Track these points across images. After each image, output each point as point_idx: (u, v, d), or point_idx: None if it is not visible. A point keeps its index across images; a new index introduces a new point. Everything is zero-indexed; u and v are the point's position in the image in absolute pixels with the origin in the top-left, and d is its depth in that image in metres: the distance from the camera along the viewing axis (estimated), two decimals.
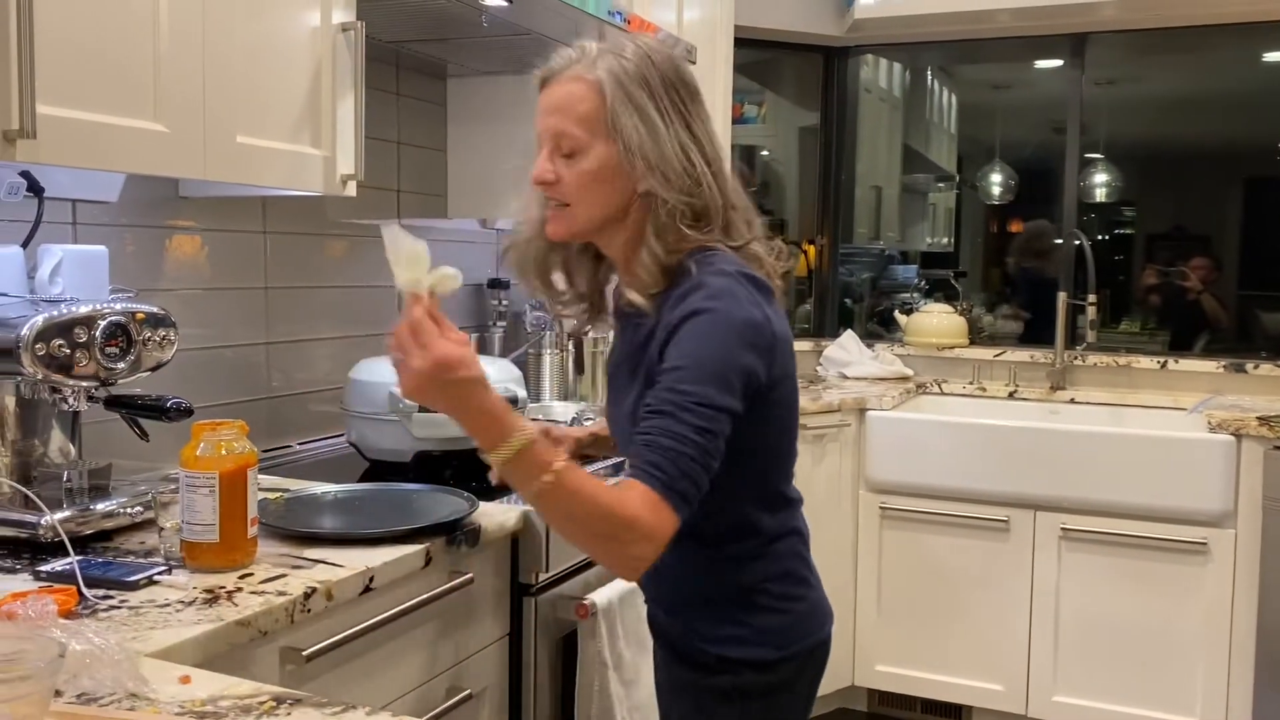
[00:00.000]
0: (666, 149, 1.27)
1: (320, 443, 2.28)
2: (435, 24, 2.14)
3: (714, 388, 1.20)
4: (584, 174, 1.30)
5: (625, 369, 1.38)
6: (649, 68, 1.29)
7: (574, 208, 1.32)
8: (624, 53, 1.29)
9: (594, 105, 1.28)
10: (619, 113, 1.27)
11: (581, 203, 1.31)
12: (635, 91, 1.27)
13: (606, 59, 1.29)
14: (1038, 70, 4.27)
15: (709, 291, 1.24)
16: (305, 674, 1.32)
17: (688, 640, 1.40)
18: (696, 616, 1.39)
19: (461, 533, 1.60)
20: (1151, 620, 2.89)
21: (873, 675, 3.20)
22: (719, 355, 1.21)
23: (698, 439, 1.18)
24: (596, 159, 1.29)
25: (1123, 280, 4.35)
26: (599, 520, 1.16)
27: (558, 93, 1.30)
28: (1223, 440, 2.81)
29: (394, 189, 2.52)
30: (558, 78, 1.31)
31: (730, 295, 1.24)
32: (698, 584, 1.38)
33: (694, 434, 1.18)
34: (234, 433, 1.38)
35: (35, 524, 1.40)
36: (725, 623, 1.37)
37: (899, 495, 3.13)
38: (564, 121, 1.29)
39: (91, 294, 1.54)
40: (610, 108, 1.27)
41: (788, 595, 1.39)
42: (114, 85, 1.41)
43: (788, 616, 1.39)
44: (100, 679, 0.99)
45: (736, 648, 1.36)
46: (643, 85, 1.28)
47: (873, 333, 4.19)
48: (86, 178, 1.70)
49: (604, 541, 1.18)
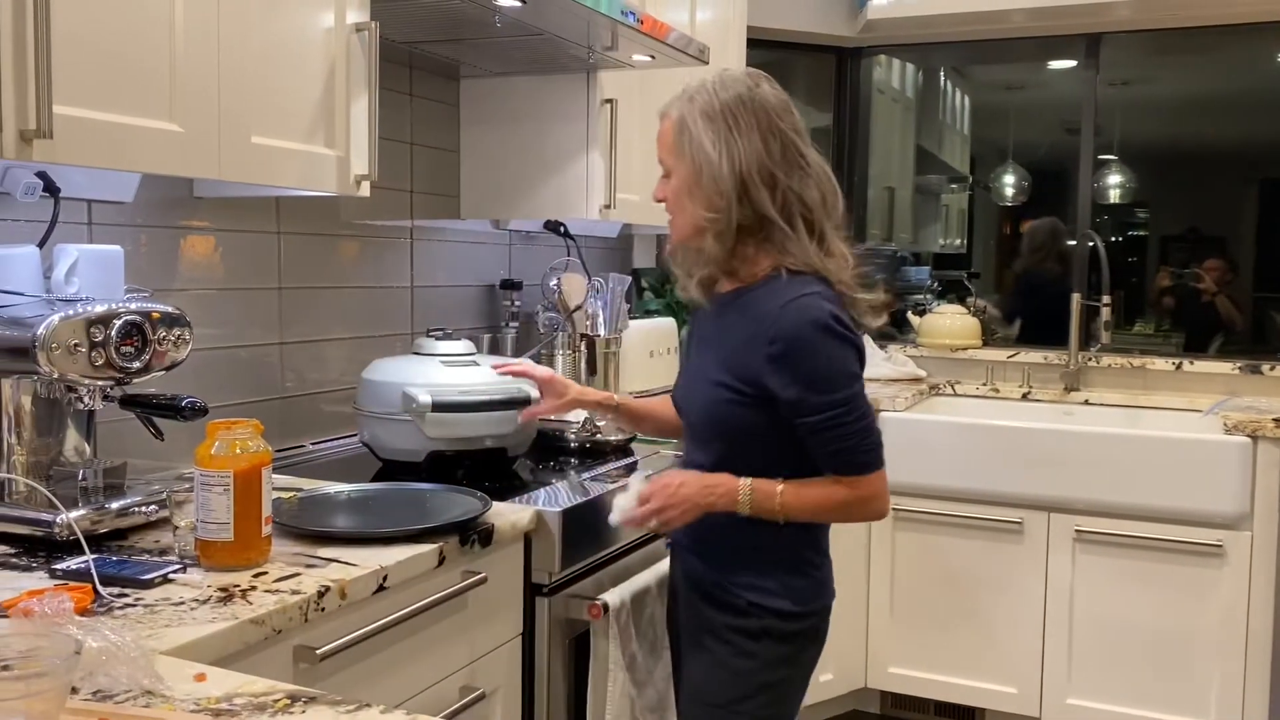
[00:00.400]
0: (706, 173, 1.55)
1: (333, 442, 2.29)
2: (449, 24, 2.15)
3: (839, 390, 1.52)
4: (673, 191, 1.61)
5: (717, 342, 1.63)
6: (717, 100, 1.56)
7: (673, 219, 1.65)
8: (702, 90, 1.58)
9: (674, 136, 1.59)
10: (681, 140, 1.58)
11: (676, 214, 1.63)
12: (703, 122, 1.55)
13: (685, 101, 1.59)
14: (1051, 71, 4.25)
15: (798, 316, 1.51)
16: (319, 673, 1.32)
17: (723, 588, 1.64)
18: (737, 566, 1.64)
19: (474, 532, 1.60)
20: (1166, 623, 2.87)
21: (885, 677, 3.19)
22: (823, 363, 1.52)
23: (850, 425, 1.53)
24: (678, 179, 1.60)
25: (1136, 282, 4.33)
26: (832, 513, 1.60)
27: (660, 128, 1.63)
28: (1239, 442, 2.80)
29: (407, 190, 2.53)
30: (661, 116, 1.64)
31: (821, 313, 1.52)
32: (745, 538, 1.62)
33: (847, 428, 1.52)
34: (249, 432, 1.38)
35: (51, 522, 1.41)
36: (760, 574, 1.63)
37: (912, 497, 3.12)
38: (660, 150, 1.63)
39: (107, 294, 1.55)
40: (688, 137, 1.57)
41: (811, 562, 1.67)
42: (130, 85, 1.42)
43: (808, 580, 1.66)
44: (116, 676, 0.99)
45: (766, 596, 1.62)
46: (710, 117, 1.56)
47: (885, 334, 4.18)
48: (102, 178, 1.71)
49: (845, 519, 1.61)
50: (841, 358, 1.52)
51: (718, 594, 1.65)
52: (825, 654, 1.71)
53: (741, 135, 1.54)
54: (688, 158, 1.56)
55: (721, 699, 1.64)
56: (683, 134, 1.57)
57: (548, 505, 1.77)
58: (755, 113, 1.55)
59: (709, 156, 1.54)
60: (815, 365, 1.51)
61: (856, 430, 1.53)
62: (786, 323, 1.51)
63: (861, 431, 1.53)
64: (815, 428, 1.52)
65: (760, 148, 1.54)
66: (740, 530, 1.60)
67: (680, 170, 1.59)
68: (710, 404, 1.60)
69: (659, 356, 3.11)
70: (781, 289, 1.54)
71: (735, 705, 1.63)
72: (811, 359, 1.50)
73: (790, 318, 1.51)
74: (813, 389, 1.50)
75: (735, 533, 1.61)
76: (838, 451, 1.53)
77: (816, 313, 1.51)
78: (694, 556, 1.70)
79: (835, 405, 1.51)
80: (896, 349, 3.84)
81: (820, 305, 1.52)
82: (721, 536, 1.64)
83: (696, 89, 1.59)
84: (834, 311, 1.53)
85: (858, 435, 1.53)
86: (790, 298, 1.52)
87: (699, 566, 1.69)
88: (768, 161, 1.54)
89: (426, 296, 2.60)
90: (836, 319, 1.52)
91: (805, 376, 1.50)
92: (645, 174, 2.78)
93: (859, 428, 1.53)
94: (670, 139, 1.60)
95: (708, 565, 1.67)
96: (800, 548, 1.65)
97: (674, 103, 1.61)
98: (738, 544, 1.63)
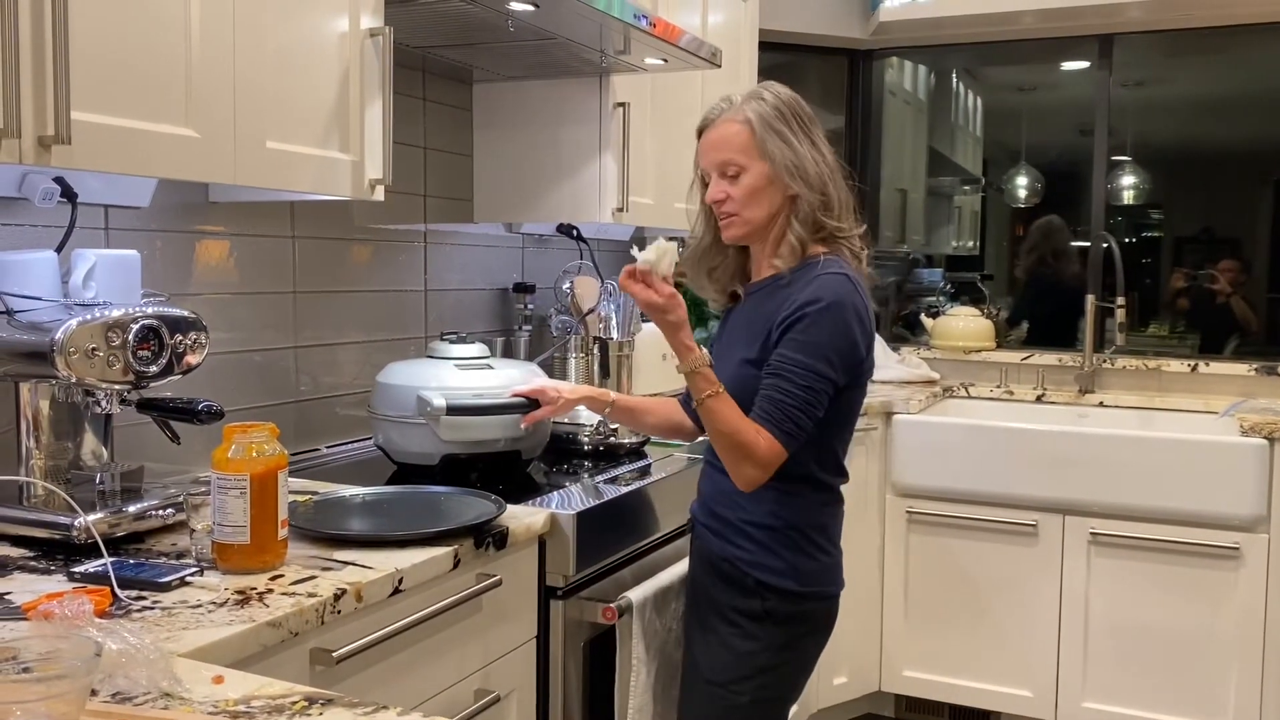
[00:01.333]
0: (804, 162, 1.68)
1: (348, 446, 2.30)
2: (462, 29, 2.15)
3: (820, 361, 1.61)
4: (746, 189, 1.70)
5: (745, 330, 1.74)
6: (780, 105, 1.70)
7: (741, 214, 1.71)
8: (762, 97, 1.71)
9: (747, 137, 1.69)
10: (766, 140, 1.67)
11: (746, 209, 1.71)
12: (775, 123, 1.68)
13: (750, 104, 1.70)
14: (1064, 72, 4.24)
15: (825, 286, 1.63)
16: (335, 675, 1.33)
17: (732, 563, 1.73)
18: (745, 541, 1.72)
19: (489, 535, 1.60)
20: (1183, 626, 2.86)
21: (900, 681, 3.18)
22: (826, 338, 1.62)
23: (800, 394, 1.60)
24: (754, 176, 1.69)
25: (1150, 283, 4.31)
26: (733, 436, 1.62)
27: (718, 133, 1.72)
28: (1255, 444, 2.78)
29: (421, 194, 2.54)
30: (714, 124, 1.73)
31: (843, 289, 1.64)
32: (753, 512, 1.71)
33: (798, 390, 1.60)
34: (265, 435, 1.39)
35: (69, 525, 1.42)
36: (769, 552, 1.70)
37: (926, 499, 3.11)
38: (727, 152, 1.70)
39: (124, 298, 1.56)
40: (759, 137, 1.67)
41: (821, 547, 1.74)
42: (146, 91, 1.42)
43: (815, 563, 1.73)
44: (135, 678, 1.00)
45: (772, 575, 1.70)
46: (779, 118, 1.68)
47: (899, 336, 4.17)
48: (118, 183, 1.72)
49: (733, 455, 1.63)
50: (830, 338, 1.62)
51: (727, 569, 1.73)
52: (839, 657, 1.73)
53: (807, 134, 1.70)
54: (768, 154, 1.67)
55: (721, 678, 1.72)
56: (765, 133, 1.68)
57: (562, 508, 1.78)
58: (807, 117, 1.72)
59: (793, 151, 1.67)
60: (813, 329, 1.62)
61: (790, 394, 1.60)
62: (816, 288, 1.64)
63: (799, 399, 1.60)
64: (771, 369, 1.63)
65: (822, 145, 1.72)
66: (752, 506, 1.71)
67: (756, 168, 1.69)
68: (740, 382, 1.68)
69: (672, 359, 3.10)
70: (821, 266, 1.68)
71: (733, 685, 1.71)
72: (817, 321, 1.61)
73: (821, 284, 1.64)
74: (794, 340, 1.62)
75: (750, 508, 1.71)
76: (771, 399, 1.61)
77: (845, 291, 1.64)
78: (709, 532, 1.78)
79: (794, 364, 1.61)
80: (909, 351, 3.83)
81: (851, 288, 1.66)
82: (737, 511, 1.73)
83: (751, 95, 1.72)
84: (861, 294, 1.67)
85: (796, 400, 1.60)
86: (829, 271, 1.66)
87: (713, 542, 1.77)
88: (829, 158, 1.72)
89: (440, 300, 2.61)
90: (858, 303, 1.66)
91: (797, 329, 1.62)
92: (658, 177, 2.78)
93: (795, 397, 1.60)
94: (745, 139, 1.69)
95: (721, 540, 1.75)
96: (810, 531, 1.72)
97: (736, 108, 1.71)
98: (750, 519, 1.72)
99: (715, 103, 1.76)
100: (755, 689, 1.71)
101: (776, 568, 1.70)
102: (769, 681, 1.72)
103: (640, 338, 2.87)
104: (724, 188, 1.71)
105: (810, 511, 1.72)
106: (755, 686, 1.71)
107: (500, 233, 2.83)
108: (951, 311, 3.95)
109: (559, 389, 1.94)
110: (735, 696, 1.71)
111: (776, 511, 1.71)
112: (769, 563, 1.70)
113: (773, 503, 1.70)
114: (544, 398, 1.93)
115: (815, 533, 1.73)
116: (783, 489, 1.70)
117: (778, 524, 1.71)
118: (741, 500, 1.72)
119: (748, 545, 1.72)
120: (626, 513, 1.96)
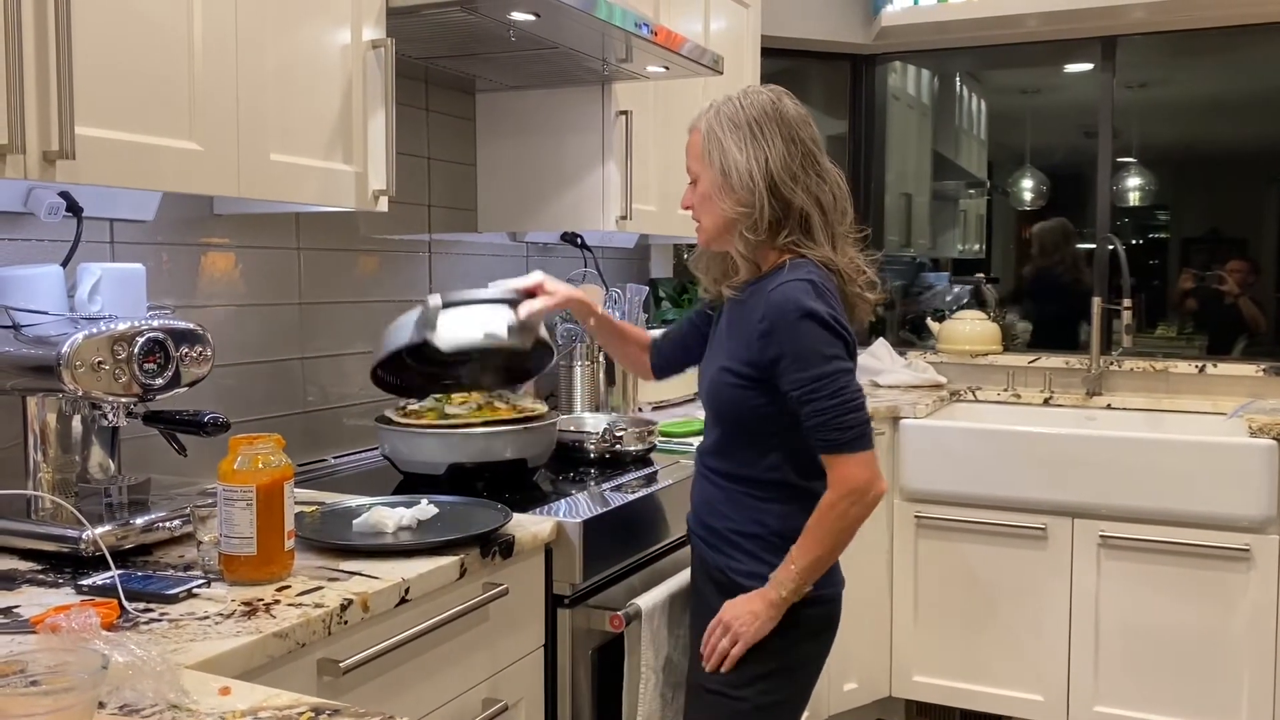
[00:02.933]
0: (735, 174, 1.66)
1: (355, 456, 2.30)
2: (464, 39, 2.16)
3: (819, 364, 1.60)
4: (699, 196, 1.73)
5: (727, 335, 1.74)
6: (742, 110, 1.67)
7: (701, 221, 1.75)
8: (729, 101, 1.70)
9: (699, 145, 1.71)
10: (709, 148, 1.68)
11: (703, 216, 1.74)
12: (726, 130, 1.67)
13: (712, 110, 1.70)
14: (1067, 74, 4.24)
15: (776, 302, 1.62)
16: (342, 685, 1.33)
17: (724, 574, 1.74)
18: (738, 552, 1.72)
19: (495, 544, 1.60)
20: (1194, 628, 2.84)
21: (910, 686, 3.17)
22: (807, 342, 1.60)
23: (828, 402, 1.60)
24: (704, 184, 1.71)
25: (1158, 285, 4.30)
26: (832, 523, 1.64)
27: (689, 140, 1.75)
28: (1264, 445, 2.77)
29: (425, 204, 2.54)
30: (690, 130, 1.75)
31: (799, 294, 1.61)
32: (739, 521, 1.72)
33: (825, 401, 1.60)
34: (270, 446, 1.39)
35: (77, 538, 1.42)
36: (756, 561, 1.70)
37: (934, 504, 3.11)
38: (688, 159, 1.74)
39: (129, 311, 1.56)
40: (708, 145, 1.68)
41: None
42: (150, 105, 1.43)
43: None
44: (142, 690, 1.00)
45: (758, 583, 1.68)
46: (734, 125, 1.67)
47: (905, 340, 4.16)
48: (123, 197, 1.73)
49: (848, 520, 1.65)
50: (815, 336, 1.60)
51: (720, 579, 1.75)
52: (849, 662, 1.72)
53: (765, 140, 1.66)
54: (715, 162, 1.68)
55: (721, 686, 1.72)
56: (710, 141, 1.69)
57: (568, 516, 1.78)
58: (777, 122, 1.67)
59: (735, 159, 1.66)
60: (794, 341, 1.61)
61: (830, 406, 1.60)
62: (774, 301, 1.62)
63: (835, 408, 1.60)
64: (796, 400, 1.62)
65: (783, 151, 1.66)
66: (738, 515, 1.72)
67: (707, 175, 1.70)
68: (716, 388, 1.73)
69: None
70: (782, 274, 1.66)
71: (734, 692, 1.71)
72: (791, 335, 1.61)
73: (777, 297, 1.62)
74: (792, 363, 1.61)
75: (734, 516, 1.73)
76: (815, 427, 1.62)
77: (800, 294, 1.61)
78: (702, 542, 1.79)
79: (809, 381, 1.60)
80: (916, 355, 3.83)
81: (805, 288, 1.62)
82: (723, 520, 1.74)
83: (723, 102, 1.71)
84: (817, 291, 1.63)
85: (832, 411, 1.60)
86: (783, 280, 1.64)
87: (707, 552, 1.78)
88: (790, 164, 1.66)
89: None
90: (818, 299, 1.62)
91: (786, 351, 1.61)
92: (662, 184, 2.79)
93: (832, 404, 1.60)
94: (698, 147, 1.71)
95: (714, 550, 1.76)
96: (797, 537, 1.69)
97: (701, 116, 1.73)
98: (736, 529, 1.73)
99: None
100: (756, 695, 1.70)
101: (763, 575, 1.69)
102: (770, 688, 1.71)
103: None
104: (688, 193, 1.76)
105: (793, 518, 1.69)
106: (756, 693, 1.70)
107: (504, 242, 2.83)
108: (958, 315, 3.94)
109: (556, 285, 1.88)
110: (737, 704, 1.70)
111: (760, 520, 1.71)
112: (759, 572, 1.69)
113: (755, 511, 1.71)
114: (540, 291, 1.86)
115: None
116: (761, 497, 1.71)
117: (763, 532, 1.71)
118: (727, 510, 1.74)
119: (738, 555, 1.72)
120: (633, 520, 1.96)
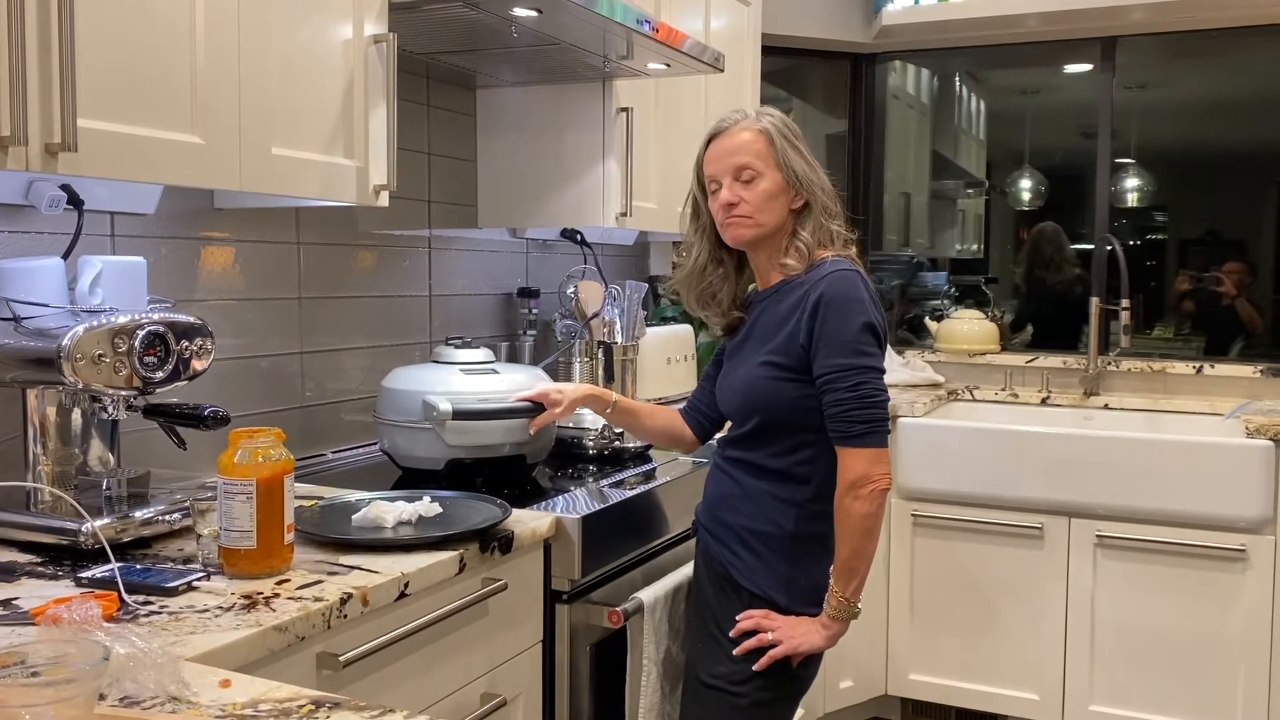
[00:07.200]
0: (814, 174, 1.77)
1: (354, 451, 2.30)
2: (466, 35, 2.16)
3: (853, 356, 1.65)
4: (763, 194, 1.74)
5: (758, 337, 1.78)
6: (787, 123, 1.79)
7: (755, 218, 1.75)
8: (772, 114, 1.80)
9: (765, 146, 1.75)
10: (786, 151, 1.75)
11: (760, 213, 1.75)
12: (789, 137, 1.77)
13: (764, 117, 1.78)
14: (1067, 75, 4.24)
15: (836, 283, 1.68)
16: (341, 679, 1.33)
17: (725, 571, 1.76)
18: (741, 549, 1.74)
19: (494, 540, 1.60)
20: (1190, 628, 2.85)
21: (906, 684, 3.17)
22: (852, 329, 1.66)
23: (850, 394, 1.65)
24: (770, 183, 1.74)
25: (1155, 286, 4.31)
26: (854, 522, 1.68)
27: (734, 140, 1.76)
28: (1261, 445, 2.78)
29: (425, 199, 2.54)
30: (729, 131, 1.77)
31: (851, 283, 1.69)
32: (754, 519, 1.74)
33: (847, 392, 1.65)
34: (271, 440, 1.39)
35: (77, 531, 1.42)
36: (760, 561, 1.73)
37: (931, 503, 3.11)
38: (745, 157, 1.75)
39: (130, 304, 1.56)
40: (779, 148, 1.75)
41: (815, 557, 1.74)
42: (152, 98, 1.43)
43: (809, 577, 1.74)
44: (143, 682, 1.00)
45: (760, 587, 1.72)
46: (790, 133, 1.78)
47: (903, 340, 4.17)
48: (124, 190, 1.73)
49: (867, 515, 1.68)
50: (855, 329, 1.66)
51: (720, 575, 1.77)
52: (845, 661, 1.72)
53: (807, 151, 1.79)
54: (782, 166, 1.75)
55: (718, 681, 1.74)
56: (776, 145, 1.75)
57: (567, 512, 1.78)
58: (802, 136, 1.81)
59: (802, 164, 1.76)
60: (837, 325, 1.66)
61: (848, 399, 1.65)
62: (826, 285, 1.68)
63: (851, 401, 1.65)
64: (821, 386, 1.67)
65: (816, 162, 1.80)
66: (754, 512, 1.74)
67: (772, 175, 1.75)
68: (751, 382, 1.74)
69: (676, 363, 3.11)
70: (827, 267, 1.73)
71: (730, 688, 1.73)
72: (836, 318, 1.66)
73: (830, 281, 1.69)
74: (826, 347, 1.66)
75: (749, 514, 1.74)
76: (831, 416, 1.67)
77: (851, 285, 1.69)
78: (709, 535, 1.81)
79: (835, 370, 1.65)
80: (914, 354, 3.83)
81: (854, 280, 1.70)
82: (737, 515, 1.76)
83: (762, 112, 1.80)
84: (864, 284, 1.71)
85: (848, 403, 1.65)
86: (833, 270, 1.71)
87: (712, 546, 1.80)
88: (822, 174, 1.80)
89: (445, 305, 2.62)
90: (865, 292, 1.70)
91: (826, 333, 1.66)
92: (662, 181, 2.79)
93: (850, 396, 1.65)
94: (763, 147, 1.76)
95: (719, 545, 1.78)
96: (808, 542, 1.74)
97: (751, 119, 1.78)
98: (749, 526, 1.74)
99: (727, 113, 1.82)
100: (753, 691, 1.72)
101: (768, 579, 1.72)
102: (766, 684, 1.72)
103: (644, 342, 2.87)
104: (738, 191, 1.75)
105: (810, 520, 1.72)
106: (753, 689, 1.72)
107: (504, 238, 2.83)
108: (956, 315, 3.95)
109: (562, 391, 1.94)
110: (734, 699, 1.72)
111: (777, 519, 1.73)
112: (761, 572, 1.72)
113: (773, 510, 1.73)
114: (547, 401, 1.93)
115: (813, 543, 1.74)
116: (783, 497, 1.73)
117: (777, 532, 1.73)
118: (743, 506, 1.75)
119: (742, 553, 1.74)
120: (632, 516, 1.96)
